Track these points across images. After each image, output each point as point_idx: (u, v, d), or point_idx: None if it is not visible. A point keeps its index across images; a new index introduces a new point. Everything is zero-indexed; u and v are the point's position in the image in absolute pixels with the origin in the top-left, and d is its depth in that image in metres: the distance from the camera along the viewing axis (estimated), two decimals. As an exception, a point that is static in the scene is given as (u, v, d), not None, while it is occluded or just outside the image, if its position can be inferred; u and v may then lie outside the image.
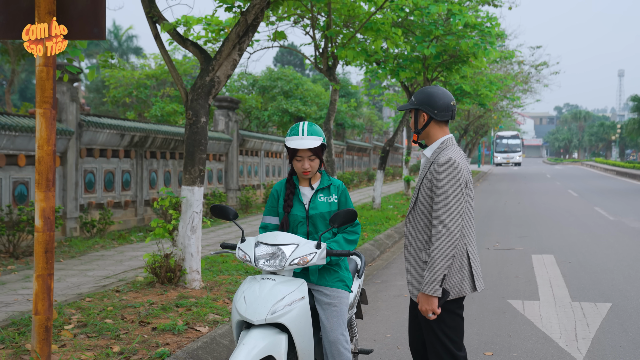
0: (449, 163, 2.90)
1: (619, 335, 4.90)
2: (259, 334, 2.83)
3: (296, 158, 3.20)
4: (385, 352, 4.58)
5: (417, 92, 3.09)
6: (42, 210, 3.67)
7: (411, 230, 3.03)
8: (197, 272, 6.00)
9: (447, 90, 3.09)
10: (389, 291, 6.63)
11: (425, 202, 2.96)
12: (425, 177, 2.98)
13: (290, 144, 3.19)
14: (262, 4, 5.92)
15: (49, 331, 3.71)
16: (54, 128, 3.70)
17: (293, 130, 3.24)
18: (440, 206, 2.85)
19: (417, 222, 3.00)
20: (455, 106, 3.08)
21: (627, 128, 50.76)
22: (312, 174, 3.23)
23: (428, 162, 3.03)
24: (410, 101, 3.10)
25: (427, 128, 3.05)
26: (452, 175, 2.88)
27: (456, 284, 2.92)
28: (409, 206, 3.13)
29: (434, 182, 2.91)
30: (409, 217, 3.06)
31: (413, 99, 3.08)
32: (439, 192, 2.87)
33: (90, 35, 3.79)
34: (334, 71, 11.20)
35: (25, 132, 8.56)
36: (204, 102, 5.97)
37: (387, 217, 12.61)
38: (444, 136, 3.05)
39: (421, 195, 2.99)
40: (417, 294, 2.97)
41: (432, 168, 2.95)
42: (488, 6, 14.23)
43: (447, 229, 2.82)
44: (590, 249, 9.31)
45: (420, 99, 3.05)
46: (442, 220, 2.83)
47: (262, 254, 3.01)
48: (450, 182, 2.87)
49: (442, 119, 3.02)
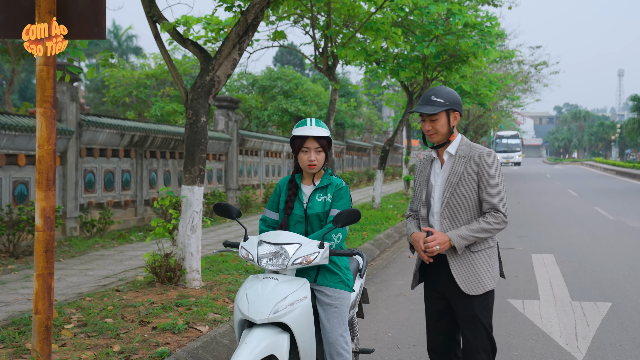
0: (494, 155, 3.05)
1: (619, 335, 4.90)
2: (261, 333, 2.83)
3: (302, 150, 3.18)
4: (386, 352, 4.58)
5: (442, 93, 3.06)
6: (42, 210, 3.67)
7: (448, 225, 3.05)
8: (197, 272, 6.00)
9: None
10: (389, 290, 6.63)
11: (469, 196, 3.01)
12: (465, 171, 3.02)
13: (298, 133, 3.19)
14: (262, 3, 5.92)
15: (49, 330, 3.71)
16: (54, 127, 3.70)
17: (301, 124, 3.25)
18: (495, 195, 2.98)
19: (457, 216, 3.03)
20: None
21: (627, 128, 50.77)
22: (317, 168, 3.20)
23: (459, 157, 3.06)
24: (440, 103, 3.04)
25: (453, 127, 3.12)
26: (498, 167, 3.04)
27: (497, 271, 3.09)
28: (422, 203, 3.16)
29: (484, 174, 3.00)
30: (443, 213, 3.06)
31: (442, 100, 3.04)
32: (492, 183, 2.99)
33: (90, 34, 3.79)
34: (333, 71, 11.20)
35: (25, 132, 8.56)
36: (204, 101, 5.97)
37: (387, 216, 12.61)
38: (458, 133, 3.14)
39: (463, 188, 3.02)
40: (477, 289, 3.00)
41: (478, 161, 3.01)
42: (488, 6, 14.24)
43: (503, 215, 2.99)
44: (590, 249, 9.31)
45: (452, 100, 3.06)
46: (498, 208, 2.98)
47: (265, 253, 3.01)
48: (498, 173, 3.02)
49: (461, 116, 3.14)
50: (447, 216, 3.05)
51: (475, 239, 2.98)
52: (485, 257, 3.05)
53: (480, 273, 3.01)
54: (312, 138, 3.18)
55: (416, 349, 4.64)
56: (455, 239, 2.97)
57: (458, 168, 3.05)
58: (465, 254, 3.02)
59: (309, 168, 3.20)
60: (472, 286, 3.01)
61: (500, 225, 2.99)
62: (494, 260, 3.09)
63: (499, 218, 2.99)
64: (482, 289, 3.00)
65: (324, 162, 3.23)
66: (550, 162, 76.86)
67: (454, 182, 3.05)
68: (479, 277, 3.01)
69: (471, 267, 3.01)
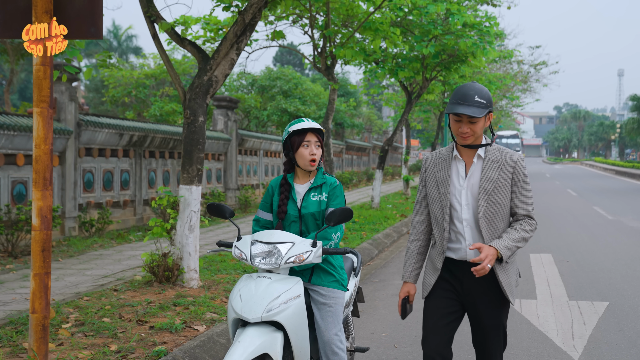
0: (524, 160, 2.94)
1: (616, 334, 4.91)
2: (254, 332, 2.84)
3: (303, 144, 3.17)
4: (382, 351, 4.60)
5: (483, 93, 2.82)
6: (39, 209, 3.68)
7: (489, 237, 2.86)
8: (194, 271, 6.01)
9: None
10: (387, 290, 6.64)
11: (505, 203, 2.86)
12: (500, 177, 2.85)
13: (297, 127, 3.18)
14: (260, 3, 5.93)
15: (46, 329, 3.72)
16: (51, 127, 3.72)
17: (296, 121, 3.25)
18: (529, 202, 2.88)
19: (495, 225, 2.86)
20: None
21: (627, 127, 50.79)
22: (317, 163, 3.19)
23: (491, 162, 2.87)
24: (483, 104, 2.81)
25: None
26: (527, 173, 2.93)
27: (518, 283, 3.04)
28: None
29: (519, 179, 2.87)
30: (481, 224, 2.87)
31: (485, 101, 2.81)
32: (526, 189, 2.88)
33: (87, 34, 3.81)
34: (332, 71, 11.21)
35: (24, 132, 8.57)
36: (202, 101, 5.98)
37: (386, 216, 12.62)
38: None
39: (499, 196, 2.85)
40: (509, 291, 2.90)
41: (513, 166, 2.86)
42: (487, 6, 14.26)
43: (535, 222, 2.90)
44: (589, 248, 9.32)
45: (490, 100, 2.87)
46: (532, 215, 2.88)
47: (258, 252, 3.01)
48: (529, 179, 2.93)
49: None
50: (485, 227, 2.86)
51: (517, 248, 2.85)
52: (515, 266, 2.97)
53: (513, 282, 2.93)
54: (311, 132, 3.19)
55: (413, 348, 4.66)
56: (503, 250, 2.78)
57: (492, 174, 2.85)
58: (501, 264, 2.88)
59: (310, 164, 3.18)
60: (511, 295, 2.93)
61: (534, 232, 2.91)
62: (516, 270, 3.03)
63: (533, 225, 2.89)
64: (513, 299, 2.94)
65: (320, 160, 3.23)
66: (550, 161, 76.88)
67: (489, 190, 2.85)
68: (512, 286, 2.93)
69: (509, 276, 2.90)
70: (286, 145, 3.26)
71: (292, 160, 3.27)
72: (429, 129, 32.61)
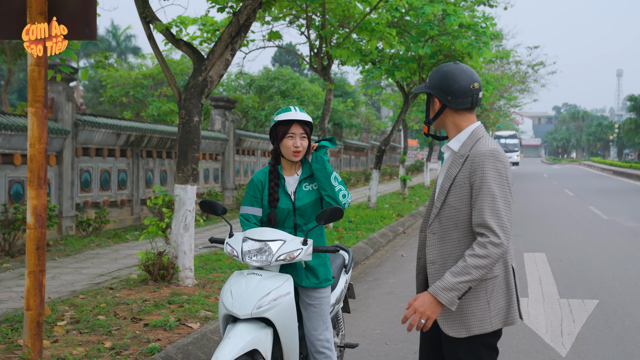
0: (494, 155, 2.32)
1: (603, 331, 4.98)
2: (244, 328, 2.88)
3: (288, 135, 3.12)
4: (374, 348, 4.66)
5: (433, 71, 2.50)
6: (33, 208, 3.74)
7: (436, 243, 2.42)
8: (189, 270, 6.07)
9: (469, 69, 2.44)
10: (381, 289, 6.70)
11: (460, 207, 2.36)
12: (459, 175, 2.37)
13: (283, 117, 3.13)
14: (254, 4, 5.99)
15: (41, 326, 3.78)
16: (46, 127, 3.77)
17: (284, 110, 3.18)
18: (486, 210, 2.26)
19: (447, 233, 2.39)
20: (478, 90, 2.42)
21: (625, 128, 50.89)
22: (301, 156, 3.16)
23: (458, 156, 2.42)
24: (424, 82, 2.55)
25: (442, 116, 2.47)
26: (499, 171, 2.31)
27: (502, 310, 2.37)
28: (430, 212, 2.52)
29: (477, 180, 2.31)
30: (432, 227, 2.45)
31: (427, 79, 2.51)
32: (484, 193, 2.28)
33: (81, 35, 3.86)
34: (328, 71, 11.27)
35: (21, 131, 8.63)
36: (197, 101, 6.04)
37: (382, 216, 12.68)
38: (472, 124, 2.46)
39: (453, 198, 2.38)
40: (460, 331, 2.37)
41: (471, 162, 2.35)
42: (484, 6, 14.32)
43: (496, 236, 2.25)
44: (582, 247, 9.39)
45: (433, 81, 2.45)
46: (489, 227, 2.25)
47: (249, 250, 3.03)
48: (497, 179, 2.29)
49: (457, 107, 2.42)
50: (436, 231, 2.42)
51: (469, 282, 2.25)
52: (477, 291, 2.35)
53: (467, 311, 2.34)
54: (297, 124, 3.14)
55: (404, 345, 4.72)
56: (441, 295, 2.27)
57: (453, 170, 2.41)
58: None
59: (294, 155, 3.14)
60: (453, 326, 2.37)
61: (489, 252, 2.24)
62: (495, 295, 2.36)
63: (485, 240, 2.25)
64: (466, 332, 2.34)
65: (306, 151, 3.19)
66: (549, 162, 76.98)
67: (445, 189, 2.42)
68: (465, 315, 2.35)
69: (469, 302, 2.36)
70: (272, 134, 3.21)
71: (277, 149, 3.22)
72: (426, 129, 32.61)
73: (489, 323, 2.35)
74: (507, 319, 2.38)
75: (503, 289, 2.38)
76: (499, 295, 2.37)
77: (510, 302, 2.38)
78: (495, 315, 2.35)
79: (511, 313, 2.38)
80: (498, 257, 2.26)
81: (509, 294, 2.39)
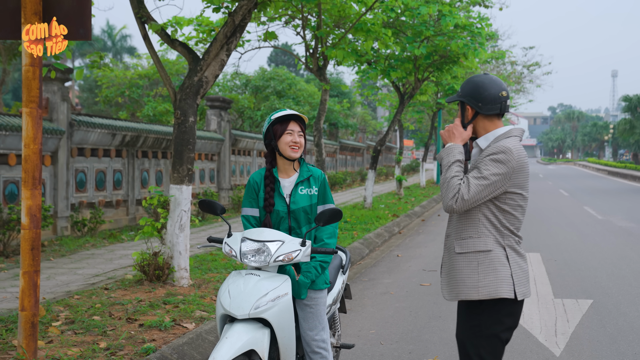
0: (503, 151, 2.68)
1: (597, 331, 5.01)
2: (242, 328, 2.89)
3: (286, 132, 3.14)
4: (369, 348, 4.67)
5: (464, 82, 2.86)
6: (28, 208, 3.74)
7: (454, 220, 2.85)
8: (185, 270, 6.06)
9: (497, 79, 2.81)
10: (376, 289, 6.71)
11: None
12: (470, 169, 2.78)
13: (281, 114, 3.16)
14: (250, 4, 6.00)
15: (35, 327, 3.77)
16: (40, 127, 3.77)
17: (278, 110, 3.22)
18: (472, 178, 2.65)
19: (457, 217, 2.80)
20: (506, 97, 2.78)
21: (619, 128, 51.09)
22: (299, 153, 3.17)
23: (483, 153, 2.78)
24: (457, 92, 2.88)
25: (474, 123, 2.82)
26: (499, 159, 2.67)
27: (489, 284, 2.69)
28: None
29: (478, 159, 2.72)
30: (450, 217, 2.89)
31: (460, 89, 2.86)
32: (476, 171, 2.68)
33: (76, 35, 3.86)
34: (324, 71, 11.28)
35: (16, 132, 8.60)
36: (192, 101, 6.04)
37: (378, 216, 12.70)
38: (499, 128, 2.80)
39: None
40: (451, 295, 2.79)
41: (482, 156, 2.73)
42: (479, 7, 14.36)
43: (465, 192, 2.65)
44: (577, 248, 9.43)
45: (465, 90, 2.82)
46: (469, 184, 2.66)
47: (248, 250, 3.04)
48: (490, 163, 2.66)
49: (487, 113, 2.77)
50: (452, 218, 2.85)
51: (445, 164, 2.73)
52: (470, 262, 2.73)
53: (459, 279, 2.74)
54: (294, 122, 3.18)
55: (399, 345, 4.73)
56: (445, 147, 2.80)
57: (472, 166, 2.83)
58: (450, 254, 2.81)
59: (292, 151, 3.15)
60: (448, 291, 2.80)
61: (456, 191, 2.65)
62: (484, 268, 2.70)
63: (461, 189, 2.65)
64: (455, 297, 2.76)
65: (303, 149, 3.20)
66: (544, 162, 77.26)
67: None
68: (456, 282, 2.75)
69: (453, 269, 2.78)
70: (268, 134, 3.21)
71: (274, 149, 3.22)
72: (422, 130, 32.74)
73: (476, 292, 2.69)
74: (495, 291, 2.68)
75: (491, 267, 2.70)
76: (489, 269, 2.69)
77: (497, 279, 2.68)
78: (483, 287, 2.68)
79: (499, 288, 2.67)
80: (453, 196, 2.67)
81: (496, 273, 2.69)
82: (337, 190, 22.09)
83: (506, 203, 2.73)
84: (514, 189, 2.71)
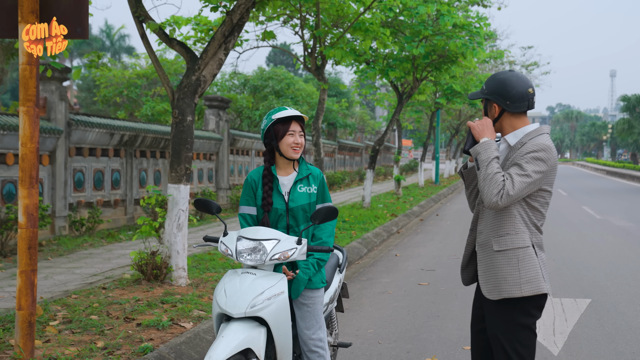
0: (544, 149, 2.64)
1: (595, 330, 5.01)
2: (238, 327, 2.88)
3: (288, 133, 3.13)
4: (367, 347, 4.66)
5: (489, 79, 2.78)
6: (25, 207, 3.73)
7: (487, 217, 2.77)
8: (183, 269, 6.06)
9: (523, 76, 2.74)
10: (374, 288, 6.71)
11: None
12: (508, 160, 2.71)
13: (283, 114, 3.13)
14: (248, 3, 5.99)
15: (33, 326, 3.76)
16: (37, 126, 3.76)
17: (278, 109, 3.18)
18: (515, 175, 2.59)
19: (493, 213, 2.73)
20: (533, 94, 2.72)
21: (618, 128, 51.19)
22: (300, 152, 3.18)
23: (513, 150, 2.73)
24: (481, 89, 2.79)
25: (500, 120, 2.76)
26: (539, 157, 2.63)
27: (531, 280, 2.65)
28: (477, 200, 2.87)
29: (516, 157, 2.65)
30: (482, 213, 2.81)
31: (484, 86, 2.78)
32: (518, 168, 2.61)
33: (73, 34, 3.85)
34: (322, 71, 11.27)
35: (14, 131, 8.58)
36: (190, 101, 6.03)
37: (376, 215, 12.69)
38: (528, 125, 2.75)
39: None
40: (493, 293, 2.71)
41: (521, 153, 2.66)
42: (478, 6, 14.37)
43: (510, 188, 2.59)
44: (575, 247, 9.43)
45: (491, 88, 2.74)
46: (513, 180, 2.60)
47: (244, 249, 3.03)
48: (532, 162, 2.62)
49: (515, 111, 2.71)
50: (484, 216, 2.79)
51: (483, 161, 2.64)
52: (509, 259, 2.67)
53: (500, 277, 2.67)
54: (295, 122, 3.16)
55: (397, 344, 4.73)
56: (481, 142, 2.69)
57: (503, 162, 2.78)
58: (488, 252, 2.74)
59: (294, 152, 3.15)
60: (490, 290, 2.71)
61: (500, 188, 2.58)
62: (525, 264, 2.67)
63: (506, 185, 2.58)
64: (498, 295, 2.68)
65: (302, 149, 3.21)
66: (543, 162, 77.15)
67: None
68: (498, 281, 2.68)
69: (492, 267, 2.71)
70: (268, 134, 3.19)
71: (273, 149, 3.21)
72: (421, 129, 32.75)
73: (518, 289, 2.64)
74: (538, 287, 2.65)
75: (534, 259, 2.66)
76: (529, 265, 2.65)
77: (537, 274, 2.66)
78: (525, 283, 2.64)
79: (540, 283, 2.65)
80: (493, 190, 2.59)
81: (535, 268, 2.66)
82: (336, 190, 22.09)
83: (537, 200, 2.71)
84: (546, 186, 2.71)
